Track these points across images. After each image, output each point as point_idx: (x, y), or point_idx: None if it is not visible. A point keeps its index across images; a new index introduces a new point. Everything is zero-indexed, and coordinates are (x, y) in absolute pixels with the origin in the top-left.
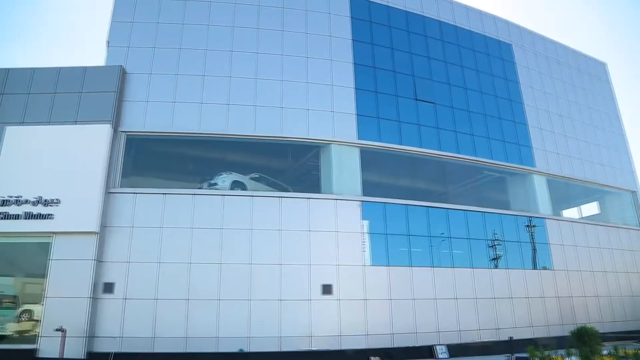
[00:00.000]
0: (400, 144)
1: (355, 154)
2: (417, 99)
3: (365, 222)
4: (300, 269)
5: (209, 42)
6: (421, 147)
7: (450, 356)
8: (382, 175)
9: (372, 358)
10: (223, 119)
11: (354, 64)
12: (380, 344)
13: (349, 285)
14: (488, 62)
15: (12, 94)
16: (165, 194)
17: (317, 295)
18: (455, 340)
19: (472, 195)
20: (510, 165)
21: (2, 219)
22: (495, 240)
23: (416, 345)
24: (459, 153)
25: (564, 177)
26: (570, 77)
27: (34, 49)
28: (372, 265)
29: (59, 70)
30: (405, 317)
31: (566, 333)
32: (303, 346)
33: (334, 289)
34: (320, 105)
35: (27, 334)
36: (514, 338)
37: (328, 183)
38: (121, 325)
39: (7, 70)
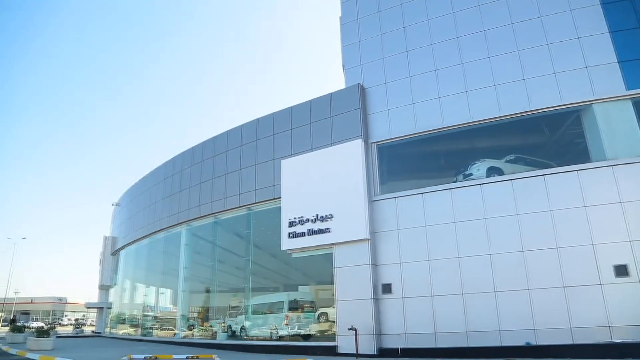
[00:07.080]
0: None
1: (628, 108)
2: None
3: None
4: (582, 250)
5: (433, 35)
6: None
7: None
8: None
9: None
10: (464, 108)
11: (601, 3)
12: None
13: None
14: None
15: (280, 132)
16: (423, 193)
17: (609, 279)
18: None
19: None
20: None
21: (291, 237)
22: None
23: None
24: None
25: None
26: None
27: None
28: None
29: (309, 103)
30: None
31: None
32: (602, 338)
33: (631, 270)
34: (570, 65)
35: (326, 333)
36: None
37: (598, 149)
38: (403, 322)
39: (274, 114)
